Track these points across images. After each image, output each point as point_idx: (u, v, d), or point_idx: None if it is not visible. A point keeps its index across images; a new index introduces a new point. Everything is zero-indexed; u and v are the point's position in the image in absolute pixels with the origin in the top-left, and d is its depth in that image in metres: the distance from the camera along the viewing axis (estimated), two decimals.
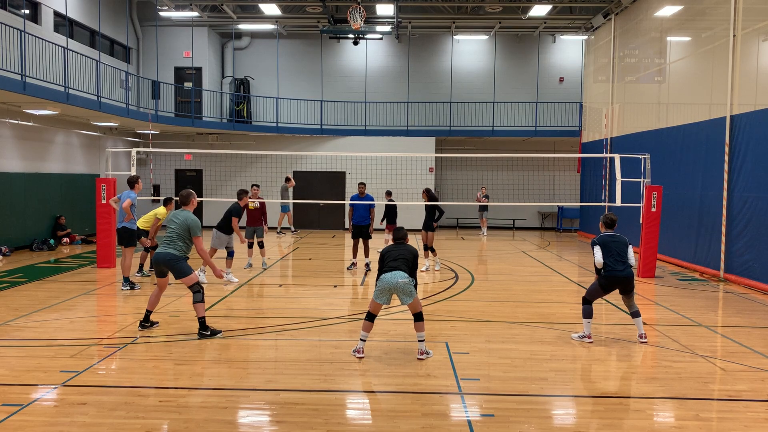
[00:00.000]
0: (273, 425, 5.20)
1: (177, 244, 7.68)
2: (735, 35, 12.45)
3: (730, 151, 12.67)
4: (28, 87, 13.65)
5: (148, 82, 21.89)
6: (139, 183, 11.48)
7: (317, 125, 23.95)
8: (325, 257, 16.26)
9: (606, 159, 19.02)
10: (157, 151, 20.32)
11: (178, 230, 7.69)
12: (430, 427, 5.14)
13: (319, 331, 8.26)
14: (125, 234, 11.12)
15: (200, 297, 7.69)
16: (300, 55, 25.01)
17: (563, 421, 5.44)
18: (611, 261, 7.63)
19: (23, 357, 6.90)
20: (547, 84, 24.74)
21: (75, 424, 5.09)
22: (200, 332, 7.69)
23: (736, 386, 6.23)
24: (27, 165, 16.81)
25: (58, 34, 17.34)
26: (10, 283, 11.36)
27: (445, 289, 11.44)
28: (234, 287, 11.23)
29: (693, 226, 14.10)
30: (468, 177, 24.31)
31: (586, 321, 7.83)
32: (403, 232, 7.47)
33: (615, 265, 7.61)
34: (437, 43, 25.03)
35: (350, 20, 17.66)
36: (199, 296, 7.68)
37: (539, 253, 17.29)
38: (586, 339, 7.80)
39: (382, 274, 7.03)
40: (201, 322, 7.70)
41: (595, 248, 7.72)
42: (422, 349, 7.03)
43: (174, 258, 7.63)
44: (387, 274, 6.97)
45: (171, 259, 7.62)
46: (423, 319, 7.08)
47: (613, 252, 7.65)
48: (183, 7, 21.19)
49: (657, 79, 16.54)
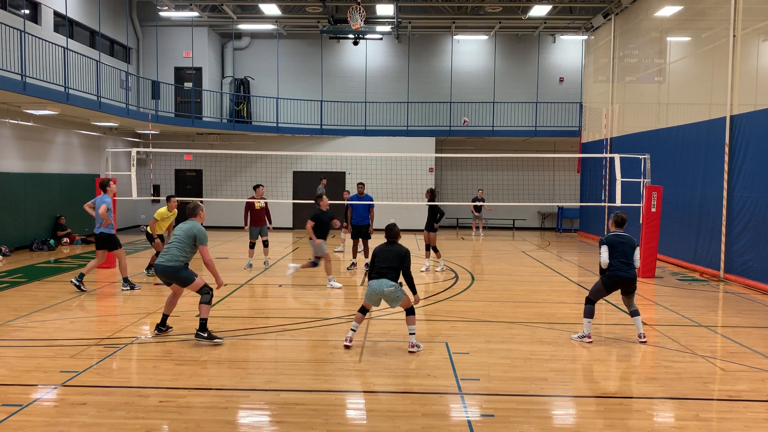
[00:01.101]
0: (273, 425, 5.20)
1: (173, 254, 7.44)
2: (735, 35, 12.45)
3: (730, 151, 12.67)
4: (28, 87, 13.65)
5: (148, 82, 21.88)
6: (112, 185, 11.14)
7: (317, 125, 23.95)
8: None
9: (606, 159, 19.01)
10: (157, 151, 20.33)
11: (179, 239, 7.48)
12: (430, 427, 5.14)
13: (319, 331, 8.26)
14: (103, 238, 10.83)
15: (208, 299, 7.46)
16: (300, 55, 25.01)
17: (563, 421, 5.44)
18: (616, 262, 7.64)
19: (23, 357, 6.90)
20: (547, 84, 24.74)
21: (75, 424, 5.09)
22: (198, 332, 7.41)
23: (736, 386, 6.23)
24: (27, 165, 16.81)
25: (58, 34, 17.34)
26: (10, 283, 11.36)
27: (445, 289, 11.44)
28: (234, 287, 11.22)
29: (693, 226, 14.10)
30: (468, 177, 24.30)
31: (587, 320, 7.83)
32: (395, 230, 7.44)
33: (619, 266, 7.63)
34: (437, 43, 25.03)
35: (350, 20, 17.65)
36: (207, 297, 7.46)
37: (539, 253, 17.29)
38: (585, 339, 7.80)
39: (371, 280, 7.24)
40: (202, 323, 7.45)
41: (603, 248, 7.73)
42: (413, 342, 7.24)
43: (173, 269, 7.42)
44: (374, 282, 7.20)
45: (169, 269, 7.43)
46: (414, 313, 7.34)
47: (619, 253, 7.67)
48: (183, 7, 21.19)
49: (657, 79, 16.54)
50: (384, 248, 7.33)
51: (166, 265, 7.42)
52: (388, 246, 7.35)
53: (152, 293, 10.59)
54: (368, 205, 13.37)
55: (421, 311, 9.65)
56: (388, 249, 7.31)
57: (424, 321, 9.04)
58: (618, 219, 8.07)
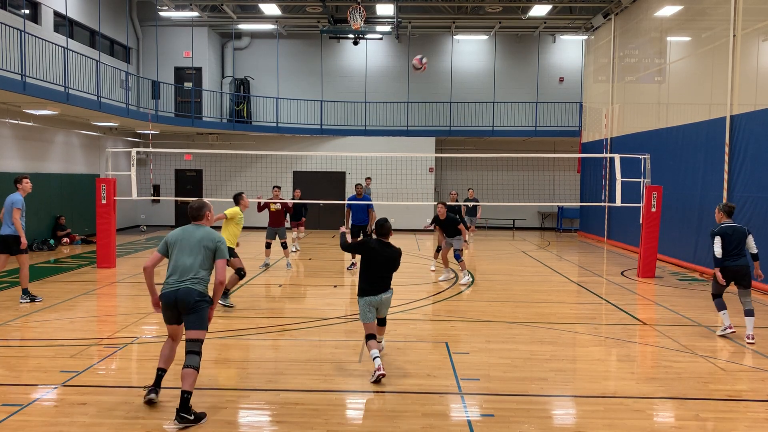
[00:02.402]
0: (273, 425, 5.20)
1: (203, 276, 5.39)
2: (735, 35, 12.45)
3: (730, 151, 12.67)
4: (28, 87, 13.65)
5: (148, 82, 21.88)
6: (25, 182, 9.64)
7: (317, 125, 23.95)
8: (325, 257, 16.25)
9: (606, 159, 19.01)
10: (157, 151, 20.32)
11: (203, 253, 5.40)
12: (430, 427, 5.14)
13: (319, 331, 8.26)
14: (10, 241, 9.48)
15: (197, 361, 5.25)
16: (300, 55, 25.01)
17: (563, 421, 5.44)
18: (729, 252, 7.72)
19: (23, 357, 6.91)
20: (547, 84, 24.74)
21: (75, 424, 5.09)
22: (179, 414, 5.03)
23: (736, 386, 6.23)
24: (27, 165, 16.80)
25: (58, 34, 17.34)
26: (10, 283, 11.36)
27: (445, 289, 11.44)
28: (234, 287, 11.20)
29: (693, 226, 14.10)
30: (468, 177, 24.29)
31: (722, 313, 8.04)
32: (387, 227, 6.62)
33: (731, 257, 7.74)
34: (437, 43, 25.03)
35: (350, 20, 17.65)
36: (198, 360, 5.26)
37: (539, 253, 17.29)
38: (728, 330, 7.96)
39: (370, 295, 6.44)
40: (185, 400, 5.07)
41: (715, 239, 7.77)
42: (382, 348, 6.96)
43: (201, 298, 5.33)
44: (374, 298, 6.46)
45: (194, 296, 5.28)
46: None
47: (732, 243, 7.73)
48: (183, 7, 21.19)
49: (657, 79, 16.54)
50: (379, 250, 6.49)
51: (193, 288, 5.29)
52: (382, 248, 6.52)
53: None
54: (367, 206, 13.38)
55: (422, 311, 9.66)
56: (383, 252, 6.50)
57: (425, 321, 9.05)
58: (727, 209, 8.12)
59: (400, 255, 6.67)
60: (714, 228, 7.93)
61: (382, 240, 6.59)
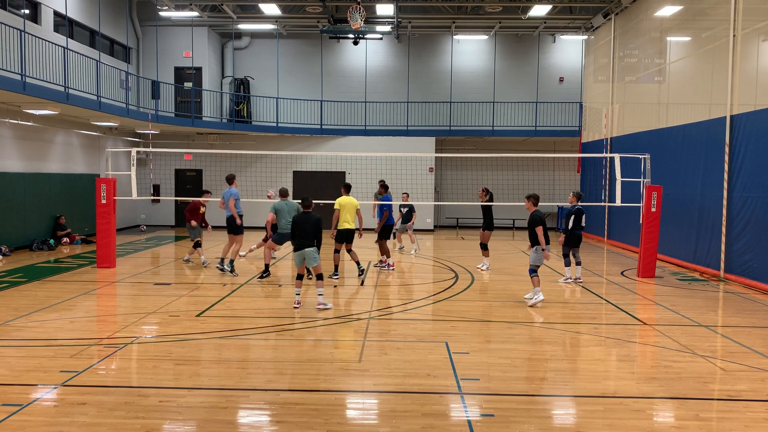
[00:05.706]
0: (273, 425, 5.20)
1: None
2: (735, 35, 12.45)
3: (730, 151, 12.67)
4: (28, 87, 13.65)
5: (148, 82, 21.88)
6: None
7: (317, 125, 23.95)
8: (325, 257, 16.20)
9: (606, 159, 19.01)
10: (157, 151, 20.32)
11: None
12: (430, 427, 5.14)
13: (319, 331, 8.26)
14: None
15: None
16: (300, 55, 25.01)
17: (563, 421, 5.44)
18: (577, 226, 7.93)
19: (23, 357, 6.90)
20: (547, 84, 24.74)
21: (75, 424, 5.09)
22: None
23: (736, 386, 6.23)
24: (27, 165, 16.81)
25: (58, 34, 17.33)
26: (10, 283, 11.36)
27: (445, 289, 11.44)
28: (234, 287, 11.23)
29: (693, 226, 14.10)
30: (468, 177, 24.30)
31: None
32: (309, 201, 9.50)
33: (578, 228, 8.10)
34: (437, 43, 25.03)
35: (350, 20, 17.65)
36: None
37: None
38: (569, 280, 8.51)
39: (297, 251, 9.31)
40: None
41: (571, 217, 7.89)
42: (320, 301, 9.29)
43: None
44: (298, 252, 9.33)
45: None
46: (323, 278, 9.57)
47: (578, 219, 7.92)
48: (183, 7, 21.18)
49: (657, 79, 16.54)
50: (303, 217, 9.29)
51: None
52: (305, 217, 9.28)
53: (153, 293, 10.59)
54: (382, 206, 13.87)
55: (422, 311, 9.67)
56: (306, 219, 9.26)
57: (425, 321, 9.05)
58: (577, 195, 8.28)
59: (318, 220, 9.28)
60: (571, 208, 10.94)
61: (306, 210, 9.42)
